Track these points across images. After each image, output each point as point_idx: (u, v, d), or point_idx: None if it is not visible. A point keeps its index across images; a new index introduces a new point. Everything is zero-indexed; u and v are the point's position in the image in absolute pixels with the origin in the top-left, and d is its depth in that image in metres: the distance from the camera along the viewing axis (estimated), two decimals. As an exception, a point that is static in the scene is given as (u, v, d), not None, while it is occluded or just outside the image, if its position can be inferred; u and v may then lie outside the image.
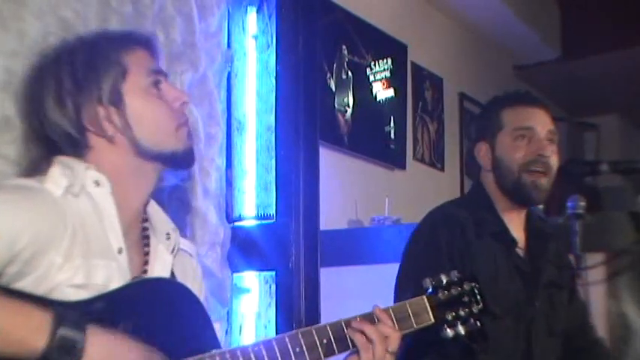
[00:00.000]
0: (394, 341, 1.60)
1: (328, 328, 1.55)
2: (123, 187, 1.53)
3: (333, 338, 1.54)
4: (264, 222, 2.64)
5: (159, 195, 1.72)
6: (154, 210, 1.66)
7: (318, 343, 1.52)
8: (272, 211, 2.62)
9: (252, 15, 2.74)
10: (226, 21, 2.67)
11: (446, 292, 1.74)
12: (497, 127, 2.29)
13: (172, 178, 1.84)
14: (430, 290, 1.74)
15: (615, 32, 5.56)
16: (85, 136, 1.53)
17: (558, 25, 6.00)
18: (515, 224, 2.29)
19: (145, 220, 1.62)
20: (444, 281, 1.75)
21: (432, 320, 1.71)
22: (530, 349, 2.21)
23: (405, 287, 2.19)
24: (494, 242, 2.22)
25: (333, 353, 1.55)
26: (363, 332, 1.58)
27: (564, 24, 5.99)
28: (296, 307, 2.54)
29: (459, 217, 2.23)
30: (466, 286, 1.77)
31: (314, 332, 1.52)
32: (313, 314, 2.55)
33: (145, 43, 1.62)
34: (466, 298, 1.76)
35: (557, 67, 6.05)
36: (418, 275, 2.14)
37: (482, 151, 2.32)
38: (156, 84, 1.57)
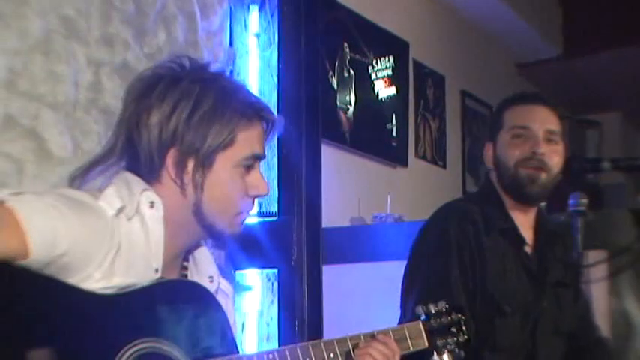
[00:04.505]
0: None
1: (335, 343, 1.58)
2: (169, 230, 1.53)
3: (339, 354, 1.58)
4: (266, 219, 2.64)
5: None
6: (200, 251, 1.67)
7: (325, 357, 1.55)
8: (274, 208, 2.63)
9: (254, 13, 2.75)
10: (228, 19, 2.67)
11: (438, 319, 1.79)
12: (498, 126, 2.30)
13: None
14: (424, 317, 1.77)
15: (617, 30, 5.56)
16: (160, 171, 1.52)
17: (560, 23, 6.00)
18: (523, 223, 2.28)
19: (186, 259, 1.63)
20: (433, 310, 1.80)
21: (427, 345, 1.75)
22: (535, 347, 2.21)
23: (411, 287, 2.19)
24: (502, 239, 2.22)
25: None
26: (370, 355, 1.61)
27: (566, 22, 5.99)
28: (298, 304, 2.54)
29: (471, 214, 2.23)
30: (454, 317, 1.82)
31: (322, 346, 1.56)
32: (315, 312, 2.56)
33: (267, 123, 1.60)
34: (454, 329, 1.81)
35: (559, 64, 6.04)
36: (427, 274, 2.15)
37: (487, 151, 2.34)
38: (248, 167, 1.57)
